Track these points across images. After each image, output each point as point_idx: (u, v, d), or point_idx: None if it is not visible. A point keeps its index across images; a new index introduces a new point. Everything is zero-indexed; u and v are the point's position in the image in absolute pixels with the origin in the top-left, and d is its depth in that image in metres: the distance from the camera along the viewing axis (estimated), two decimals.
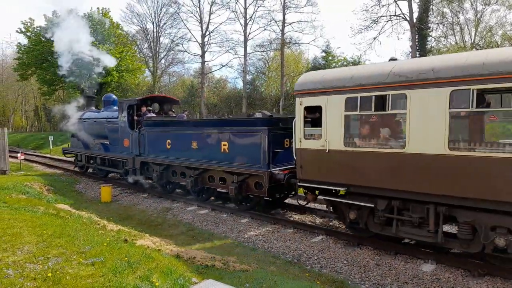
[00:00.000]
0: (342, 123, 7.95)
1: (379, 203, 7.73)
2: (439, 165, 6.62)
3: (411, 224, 7.39)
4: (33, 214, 9.40)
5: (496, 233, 6.40)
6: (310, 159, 8.66)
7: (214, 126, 12.02)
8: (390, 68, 7.35)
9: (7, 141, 20.61)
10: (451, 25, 31.15)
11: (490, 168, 6.09)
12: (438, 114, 6.58)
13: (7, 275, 5.05)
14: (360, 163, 7.74)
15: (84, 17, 36.15)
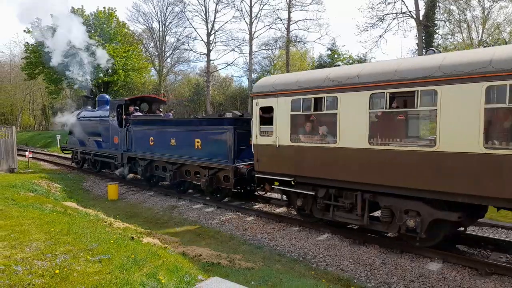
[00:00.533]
0: (289, 121, 9.17)
1: (319, 192, 8.93)
2: (362, 158, 7.78)
3: (344, 209, 8.59)
4: (41, 211, 9.51)
5: (408, 216, 7.52)
6: (265, 153, 9.82)
7: (188, 125, 13.47)
8: (327, 74, 8.53)
9: (15, 140, 20.83)
10: (458, 22, 30.84)
11: (401, 159, 7.23)
12: (360, 113, 7.76)
13: (16, 271, 5.11)
14: (304, 156, 8.93)
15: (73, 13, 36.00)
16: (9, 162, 20.03)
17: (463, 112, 6.48)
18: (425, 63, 7.09)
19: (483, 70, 6.24)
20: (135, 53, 38.64)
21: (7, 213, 8.56)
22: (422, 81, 6.92)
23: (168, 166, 13.94)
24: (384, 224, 8.09)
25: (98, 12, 37.03)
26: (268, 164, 9.82)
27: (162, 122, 14.88)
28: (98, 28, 36.86)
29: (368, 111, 7.65)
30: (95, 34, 36.18)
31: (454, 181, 6.63)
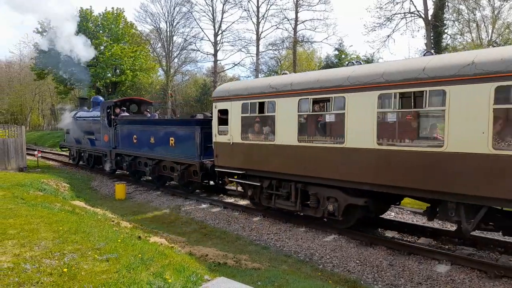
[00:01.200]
0: (240, 122, 10.73)
1: (264, 183, 10.47)
2: (294, 153, 9.32)
3: (283, 197, 10.11)
4: (49, 210, 9.60)
5: (329, 201, 9.03)
6: (222, 150, 11.38)
7: (164, 125, 15.19)
8: (269, 82, 10.10)
9: (24, 139, 21.08)
10: (467, 22, 30.51)
11: (322, 154, 8.77)
12: (292, 116, 9.31)
13: (25, 269, 5.17)
14: (252, 152, 10.50)
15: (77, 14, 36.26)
16: (19, 161, 20.27)
17: (363, 115, 7.84)
18: (339, 74, 8.54)
19: (377, 81, 7.61)
20: (142, 53, 38.87)
21: (17, 212, 8.66)
22: (335, 89, 8.39)
23: (148, 161, 15.62)
24: (312, 209, 9.60)
25: (107, 13, 37.32)
26: (225, 159, 11.39)
27: (143, 122, 16.59)
28: (106, 29, 37.16)
29: (297, 114, 9.22)
30: (104, 35, 36.51)
31: (359, 172, 8.06)
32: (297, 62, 38.28)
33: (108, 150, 18.18)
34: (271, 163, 9.93)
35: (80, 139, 21.89)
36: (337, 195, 8.91)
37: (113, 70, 37.66)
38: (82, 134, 21.48)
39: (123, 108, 18.62)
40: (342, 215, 8.92)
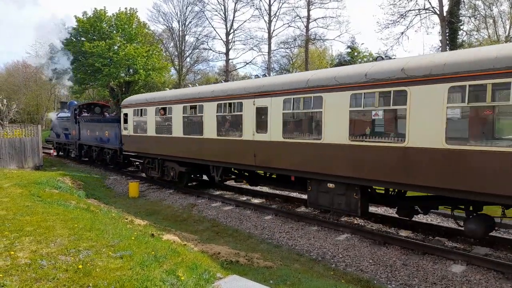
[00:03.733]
0: (132, 122, 16.98)
1: (146, 160, 16.63)
2: (158, 141, 15.41)
3: (153, 169, 16.15)
4: (65, 208, 9.77)
5: (172, 170, 15.09)
6: (125, 140, 17.87)
7: (102, 122, 21.65)
8: (146, 97, 16.82)
9: (40, 138, 21.49)
10: (484, 18, 29.85)
11: (163, 140, 14.95)
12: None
13: (41, 266, 5.27)
14: (139, 141, 16.62)
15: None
16: (35, 160, 20.69)
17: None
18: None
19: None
20: (155, 53, 39.17)
21: (33, 209, 8.84)
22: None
23: (95, 149, 22.46)
24: (167, 176, 15.49)
25: (120, 13, 37.71)
26: (127, 146, 17.78)
27: (92, 120, 22.96)
28: (119, 29, 37.55)
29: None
30: (117, 35, 36.91)
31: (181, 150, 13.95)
32: (309, 60, 38.07)
33: (74, 142, 24.91)
34: (148, 148, 16.11)
35: (60, 134, 28.15)
36: (174, 165, 14.92)
37: (127, 69, 38.06)
38: (61, 130, 27.69)
39: (84, 109, 24.70)
40: (178, 178, 15.11)
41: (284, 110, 10.00)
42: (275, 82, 10.56)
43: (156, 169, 15.92)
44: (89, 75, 37.00)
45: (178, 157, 14.19)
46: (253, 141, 10.93)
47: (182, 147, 13.84)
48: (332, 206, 9.34)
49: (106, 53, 34.94)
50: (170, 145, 14.42)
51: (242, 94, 11.38)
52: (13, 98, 43.89)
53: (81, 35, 37.33)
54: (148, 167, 16.61)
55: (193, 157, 13.52)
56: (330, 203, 9.33)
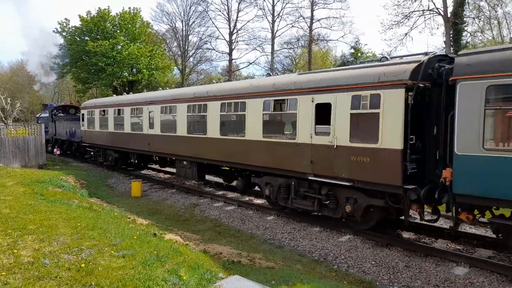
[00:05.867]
0: (86, 121, 21.98)
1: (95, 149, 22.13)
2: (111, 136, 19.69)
3: (102, 157, 21.37)
4: (68, 207, 9.79)
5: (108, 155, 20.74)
6: (84, 135, 22.52)
7: (71, 120, 26.30)
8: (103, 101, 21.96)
9: (44, 137, 21.57)
10: (488, 19, 29.68)
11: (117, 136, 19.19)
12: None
13: (44, 264, 5.29)
14: (91, 135, 21.57)
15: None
16: (38, 159, 20.76)
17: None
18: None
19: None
20: (158, 52, 39.22)
21: (36, 208, 8.87)
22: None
23: (66, 142, 27.35)
24: (108, 161, 20.63)
25: (123, 13, 37.79)
26: (84, 139, 22.60)
27: (63, 119, 27.34)
28: (123, 28, 37.63)
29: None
30: (121, 34, 36.99)
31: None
32: (312, 60, 38.01)
33: (51, 137, 28.34)
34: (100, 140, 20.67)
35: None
36: (111, 153, 20.06)
37: (130, 69, 38.13)
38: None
39: (59, 110, 29.11)
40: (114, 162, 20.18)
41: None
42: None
43: (101, 156, 21.48)
44: (92, 74, 37.07)
45: (113, 146, 19.70)
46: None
47: (115, 139, 19.26)
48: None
49: (110, 53, 35.01)
50: (107, 137, 19.89)
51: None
52: (17, 97, 44.11)
53: (84, 34, 37.43)
54: (97, 155, 22.17)
55: (122, 147, 18.87)
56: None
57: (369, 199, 8.47)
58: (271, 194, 10.80)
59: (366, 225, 8.98)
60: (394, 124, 7.62)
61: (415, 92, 7.42)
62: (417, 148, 7.87)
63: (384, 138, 7.79)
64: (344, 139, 8.54)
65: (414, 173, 7.72)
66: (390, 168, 7.70)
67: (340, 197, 9.12)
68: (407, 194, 7.56)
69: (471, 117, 6.68)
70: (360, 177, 8.34)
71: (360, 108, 8.25)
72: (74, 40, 37.21)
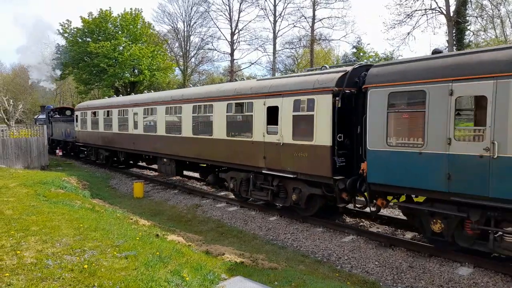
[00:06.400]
0: (80, 122, 23.42)
1: (88, 148, 23.70)
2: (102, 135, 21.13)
3: (93, 155, 23.01)
4: (70, 208, 9.80)
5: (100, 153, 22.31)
6: (79, 135, 23.83)
7: (65, 121, 27.56)
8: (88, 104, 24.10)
9: (46, 139, 21.62)
10: (491, 18, 29.55)
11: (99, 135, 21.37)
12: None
13: (47, 265, 5.29)
14: (84, 135, 23.05)
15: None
16: (41, 160, 20.81)
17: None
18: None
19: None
20: (160, 53, 39.27)
21: (39, 209, 8.88)
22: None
23: (62, 142, 28.28)
24: (100, 159, 22.03)
25: (125, 13, 37.85)
26: (79, 138, 23.83)
27: (59, 120, 28.59)
28: (125, 29, 37.70)
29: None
30: (122, 35, 37.06)
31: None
32: (314, 60, 37.99)
33: (48, 137, 27.47)
34: (91, 140, 22.16)
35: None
36: (102, 152, 21.55)
37: (132, 70, 38.21)
38: None
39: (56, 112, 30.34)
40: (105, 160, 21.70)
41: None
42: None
43: (94, 155, 22.91)
44: (94, 75, 37.17)
45: (104, 145, 20.89)
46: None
47: (105, 139, 20.52)
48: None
49: (111, 54, 35.09)
50: (98, 137, 21.20)
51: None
52: (19, 98, 44.21)
53: (86, 35, 37.52)
54: (89, 153, 23.55)
55: (111, 146, 20.15)
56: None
57: (310, 188, 9.77)
58: (235, 187, 12.14)
59: (310, 212, 10.28)
60: (324, 124, 8.94)
61: (342, 97, 8.68)
62: (345, 145, 9.09)
63: (317, 136, 9.14)
64: (288, 137, 9.90)
65: (343, 166, 9.00)
66: (322, 161, 9.03)
67: (288, 187, 10.45)
68: (336, 184, 8.83)
69: (378, 118, 7.92)
70: (301, 170, 9.66)
71: (300, 111, 9.61)
72: (76, 42, 37.31)
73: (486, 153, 6.44)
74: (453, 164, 6.82)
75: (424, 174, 7.22)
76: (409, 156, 7.43)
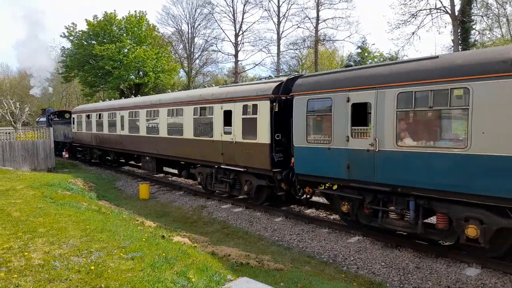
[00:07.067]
0: (76, 124, 25.25)
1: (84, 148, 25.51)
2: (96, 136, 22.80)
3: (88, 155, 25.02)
4: (77, 209, 9.85)
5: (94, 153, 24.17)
6: (75, 136, 25.73)
7: (64, 124, 28.74)
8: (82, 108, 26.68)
9: (53, 141, 21.78)
10: (497, 17, 29.38)
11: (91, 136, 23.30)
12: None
13: (54, 267, 5.32)
14: (80, 136, 24.78)
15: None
16: (47, 162, 20.96)
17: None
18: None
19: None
20: (164, 55, 39.40)
21: (46, 211, 8.94)
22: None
23: (60, 143, 28.63)
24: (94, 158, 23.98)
25: (129, 16, 38.05)
26: (75, 139, 25.60)
27: (58, 123, 29.69)
28: (129, 32, 37.89)
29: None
30: (127, 38, 37.25)
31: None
32: (319, 61, 37.92)
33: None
34: (86, 140, 23.87)
35: None
36: (96, 151, 23.23)
37: (136, 72, 38.38)
38: None
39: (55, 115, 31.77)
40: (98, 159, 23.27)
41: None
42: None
43: (88, 154, 24.76)
44: (99, 78, 37.40)
45: (97, 145, 22.76)
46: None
47: (97, 139, 22.38)
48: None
49: (116, 56, 35.29)
50: (92, 138, 23.03)
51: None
52: (26, 101, 44.60)
53: (91, 38, 37.76)
54: (85, 153, 25.32)
55: (103, 146, 22.04)
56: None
57: (258, 180, 11.47)
58: (202, 180, 13.93)
59: (259, 201, 12.03)
60: (265, 125, 10.70)
61: (278, 103, 10.49)
62: (282, 143, 10.74)
63: (259, 135, 10.92)
64: (239, 136, 11.64)
65: (281, 161, 10.67)
66: (264, 157, 10.78)
67: (242, 180, 12.18)
68: (275, 175, 10.57)
69: (300, 120, 9.65)
70: (250, 164, 11.41)
71: (247, 114, 11.34)
72: (82, 44, 37.56)
73: (371, 147, 8.03)
74: (351, 156, 8.47)
75: (332, 165, 8.94)
76: (322, 151, 9.14)
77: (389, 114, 7.67)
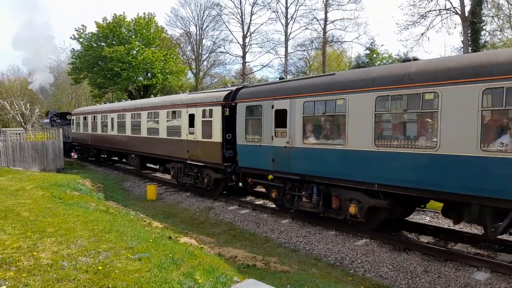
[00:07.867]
0: (76, 125, 27.74)
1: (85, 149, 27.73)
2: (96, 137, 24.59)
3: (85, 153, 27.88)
4: (85, 210, 9.94)
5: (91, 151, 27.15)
6: (74, 136, 28.11)
7: (65, 125, 29.55)
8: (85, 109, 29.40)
9: (62, 142, 22.02)
10: (508, 17, 28.97)
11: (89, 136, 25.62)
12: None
13: (62, 267, 5.37)
14: (79, 136, 27.16)
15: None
16: (56, 162, 21.19)
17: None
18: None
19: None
20: (172, 57, 39.60)
21: (55, 211, 9.03)
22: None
23: (66, 144, 26.98)
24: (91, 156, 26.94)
25: (138, 18, 38.33)
26: (75, 139, 27.91)
27: (60, 124, 30.42)
28: (138, 33, 38.17)
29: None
30: (136, 39, 37.53)
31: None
32: (327, 62, 37.79)
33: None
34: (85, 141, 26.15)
35: None
36: (92, 150, 26.19)
37: (145, 73, 38.64)
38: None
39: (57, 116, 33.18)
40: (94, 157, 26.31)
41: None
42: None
43: (86, 152, 27.23)
44: (108, 79, 37.70)
45: (92, 145, 25.17)
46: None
47: (93, 139, 24.54)
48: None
49: (125, 58, 35.55)
50: (88, 138, 25.21)
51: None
52: (36, 102, 45.19)
53: (101, 40, 38.11)
54: (83, 151, 27.66)
55: (97, 145, 24.38)
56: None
57: (215, 174, 13.44)
58: (174, 174, 16.07)
59: (217, 192, 14.06)
60: (218, 126, 12.74)
61: (229, 108, 12.45)
62: (232, 142, 12.48)
63: (214, 135, 12.97)
64: (200, 136, 13.71)
65: (231, 156, 12.55)
66: (217, 153, 12.76)
67: (203, 174, 14.14)
68: (226, 169, 12.51)
69: (241, 123, 11.79)
70: (208, 159, 13.39)
71: (206, 117, 13.37)
72: (91, 46, 37.93)
73: (287, 145, 10.17)
74: (275, 152, 10.57)
75: (262, 159, 10.99)
76: (255, 148, 11.27)
77: (298, 118, 9.86)
